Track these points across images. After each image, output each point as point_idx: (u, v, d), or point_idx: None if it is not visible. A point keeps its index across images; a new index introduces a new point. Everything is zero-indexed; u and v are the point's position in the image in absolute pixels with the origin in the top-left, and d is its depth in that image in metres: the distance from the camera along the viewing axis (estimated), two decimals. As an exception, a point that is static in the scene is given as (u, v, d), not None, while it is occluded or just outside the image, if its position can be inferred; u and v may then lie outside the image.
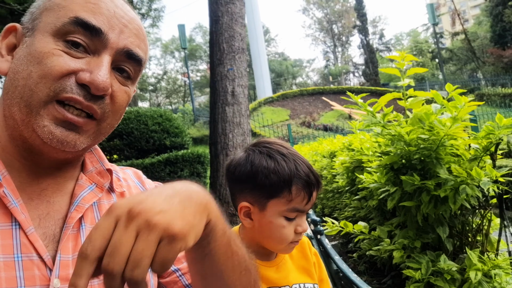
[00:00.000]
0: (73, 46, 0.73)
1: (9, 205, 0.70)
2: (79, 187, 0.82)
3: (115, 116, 0.80)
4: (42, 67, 0.70)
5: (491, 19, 37.78)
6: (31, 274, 0.69)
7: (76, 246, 0.76)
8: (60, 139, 0.72)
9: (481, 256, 1.90)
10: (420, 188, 1.97)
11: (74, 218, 0.77)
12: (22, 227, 0.70)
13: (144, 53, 0.82)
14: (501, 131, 1.77)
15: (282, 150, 1.13)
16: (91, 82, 0.71)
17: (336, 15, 63.42)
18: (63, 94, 0.71)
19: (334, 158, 4.20)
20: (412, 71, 2.12)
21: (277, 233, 1.10)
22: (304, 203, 1.09)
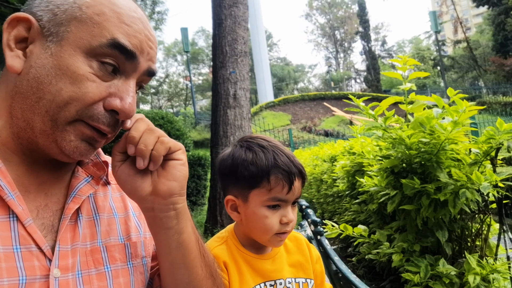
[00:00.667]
0: (105, 68, 0.74)
1: (6, 198, 0.70)
2: (76, 179, 0.83)
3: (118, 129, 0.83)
4: (74, 90, 0.70)
5: (493, 28, 37.87)
6: (31, 265, 0.70)
7: (74, 237, 0.78)
8: (83, 153, 0.76)
9: (480, 261, 1.90)
10: (420, 192, 1.98)
11: (72, 209, 0.78)
12: (19, 219, 0.71)
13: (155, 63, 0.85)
14: (501, 136, 1.78)
15: (262, 143, 1.16)
16: (121, 110, 0.74)
17: (339, 21, 63.63)
18: (90, 121, 0.73)
19: (335, 162, 4.21)
20: (414, 75, 2.14)
21: (260, 223, 1.12)
22: (285, 192, 1.10)
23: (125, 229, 0.89)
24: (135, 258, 0.87)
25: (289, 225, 1.13)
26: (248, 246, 1.18)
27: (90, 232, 0.82)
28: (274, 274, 1.16)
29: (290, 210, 1.13)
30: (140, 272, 0.87)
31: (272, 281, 1.15)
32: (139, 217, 0.93)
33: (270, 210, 1.11)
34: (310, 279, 1.21)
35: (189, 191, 7.04)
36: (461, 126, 1.84)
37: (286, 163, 1.11)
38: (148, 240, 0.93)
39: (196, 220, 6.65)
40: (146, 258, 0.91)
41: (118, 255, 0.84)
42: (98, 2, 0.74)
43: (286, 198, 1.11)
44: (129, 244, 0.87)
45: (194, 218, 6.98)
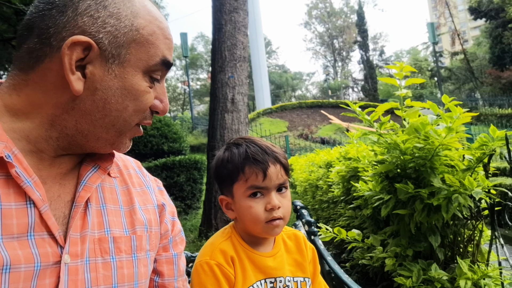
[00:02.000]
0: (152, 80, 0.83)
1: (22, 185, 0.71)
2: (84, 168, 0.85)
3: None
4: (138, 103, 0.81)
5: (490, 41, 38.21)
6: (45, 251, 0.72)
7: (83, 225, 0.80)
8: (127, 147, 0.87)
9: (472, 266, 1.92)
10: (413, 197, 2.00)
11: (84, 198, 0.80)
12: (36, 205, 0.72)
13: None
14: (494, 143, 1.81)
15: (239, 141, 1.23)
16: (163, 110, 0.87)
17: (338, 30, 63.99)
18: (143, 121, 0.85)
19: (330, 168, 4.23)
20: (410, 82, 2.17)
21: (248, 214, 1.15)
22: (260, 179, 1.14)
23: (130, 222, 0.90)
24: (140, 251, 0.89)
25: (277, 211, 1.15)
26: (249, 242, 1.21)
27: (98, 221, 0.83)
28: (275, 271, 1.17)
29: (274, 197, 1.15)
30: (144, 265, 0.89)
31: (272, 279, 1.17)
32: (145, 212, 0.94)
33: (252, 199, 1.15)
34: (308, 278, 1.24)
35: (184, 194, 7.04)
36: (455, 133, 1.87)
37: (256, 152, 1.16)
38: (153, 234, 0.94)
39: (191, 224, 6.65)
40: (150, 252, 0.92)
41: (124, 247, 0.85)
42: (148, 21, 0.81)
43: (264, 185, 1.15)
44: (135, 237, 0.88)
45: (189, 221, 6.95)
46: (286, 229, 1.30)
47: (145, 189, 0.99)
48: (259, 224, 1.15)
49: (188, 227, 6.40)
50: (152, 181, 1.04)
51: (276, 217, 1.15)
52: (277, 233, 1.18)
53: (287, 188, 1.20)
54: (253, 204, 1.15)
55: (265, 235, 1.19)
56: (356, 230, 2.52)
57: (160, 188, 1.05)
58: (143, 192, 0.98)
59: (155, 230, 0.95)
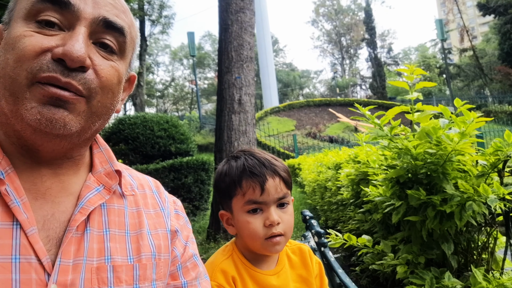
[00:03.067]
0: (46, 26, 0.70)
1: (10, 204, 0.68)
2: (86, 188, 0.79)
3: (106, 93, 0.76)
4: (16, 51, 0.68)
5: (499, 37, 37.80)
6: (27, 278, 0.66)
7: (79, 251, 0.73)
8: (48, 117, 0.68)
9: (486, 275, 1.87)
10: (425, 203, 1.96)
11: (77, 221, 0.74)
12: (22, 227, 0.68)
13: (125, 23, 0.79)
14: (509, 148, 1.76)
15: (238, 154, 1.20)
16: (64, 53, 0.68)
17: (345, 28, 63.72)
18: (40, 74, 0.68)
19: (339, 170, 4.18)
20: (421, 85, 2.12)
21: (246, 230, 1.12)
22: (258, 194, 1.10)
23: (136, 248, 0.82)
24: (144, 280, 0.81)
25: (277, 227, 1.11)
26: (251, 260, 1.17)
27: (99, 247, 0.76)
28: None
29: (273, 212, 1.11)
30: None
31: None
32: (154, 237, 0.87)
33: (251, 215, 1.12)
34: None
35: (192, 196, 7.03)
36: (468, 137, 1.82)
37: (254, 165, 1.12)
38: (162, 262, 0.86)
39: (199, 225, 6.63)
40: (156, 282, 0.84)
41: (125, 277, 0.78)
42: None
43: (262, 200, 1.11)
44: (138, 266, 0.81)
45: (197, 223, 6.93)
46: (291, 243, 1.26)
47: (159, 212, 0.91)
48: (257, 241, 1.10)
49: (196, 228, 6.39)
50: (170, 203, 0.97)
51: (276, 233, 1.10)
52: (278, 250, 1.14)
53: (288, 203, 1.16)
54: (251, 220, 1.11)
55: (265, 253, 1.15)
56: (366, 236, 2.47)
57: (177, 212, 0.97)
58: (157, 214, 0.90)
59: (165, 258, 0.87)
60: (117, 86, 0.78)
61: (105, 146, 0.89)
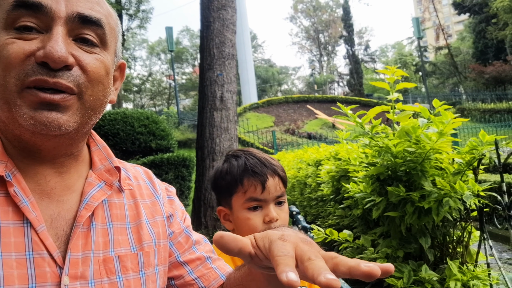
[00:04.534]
0: (25, 31, 0.71)
1: (20, 204, 0.71)
2: (89, 185, 0.83)
3: (96, 86, 0.77)
4: (2, 60, 0.69)
5: (474, 36, 38.80)
6: (42, 272, 0.70)
7: (86, 245, 0.77)
8: (41, 121, 0.70)
9: (461, 267, 1.97)
10: (404, 199, 2.04)
11: (84, 217, 0.78)
12: (33, 225, 0.71)
13: (101, 14, 0.79)
14: (484, 147, 1.85)
15: (238, 153, 1.24)
16: (45, 56, 0.69)
17: (323, 25, 64.15)
18: (27, 78, 0.69)
19: (319, 166, 4.26)
20: (401, 86, 2.20)
21: (245, 226, 1.17)
22: (259, 191, 1.15)
23: (137, 238, 0.87)
24: (148, 267, 0.86)
25: (275, 224, 1.16)
26: None
27: (104, 240, 0.81)
28: None
29: (272, 209, 1.17)
30: (152, 281, 0.87)
31: None
32: (153, 225, 0.92)
33: (251, 211, 1.16)
34: (305, 286, 1.25)
35: (172, 192, 7.01)
36: (445, 137, 1.90)
37: (255, 165, 1.17)
38: (162, 248, 0.91)
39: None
40: (158, 267, 0.90)
41: (130, 265, 0.83)
42: None
43: (262, 198, 1.16)
44: (142, 254, 0.86)
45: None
46: None
47: (154, 200, 0.96)
48: None
49: (176, 224, 6.38)
50: (163, 190, 1.01)
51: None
52: None
53: (285, 201, 1.22)
54: (251, 217, 1.16)
55: None
56: (347, 230, 2.55)
57: (171, 197, 1.02)
58: (152, 203, 0.95)
59: (164, 243, 0.92)
60: (106, 77, 0.80)
61: (102, 144, 0.92)
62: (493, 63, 33.29)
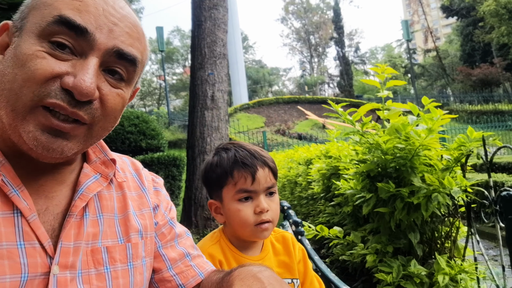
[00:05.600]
0: (58, 48, 0.69)
1: (9, 193, 0.70)
2: (84, 176, 0.82)
3: (108, 119, 0.77)
4: (26, 70, 0.67)
5: (461, 39, 39.24)
6: (34, 261, 0.70)
7: (78, 235, 0.77)
8: (45, 146, 0.69)
9: (449, 261, 2.00)
10: (394, 195, 2.07)
11: (78, 207, 0.77)
12: (23, 214, 0.70)
13: (139, 51, 0.79)
14: (471, 143, 1.89)
15: (227, 146, 1.25)
16: (74, 87, 0.68)
17: (314, 26, 64.35)
18: (47, 99, 0.67)
19: (310, 165, 4.29)
20: (392, 83, 2.23)
21: (236, 218, 1.18)
22: (249, 183, 1.17)
23: (125, 230, 0.87)
24: (136, 259, 0.86)
25: (266, 214, 1.17)
26: (238, 246, 1.23)
27: (93, 231, 0.81)
28: None
29: (262, 200, 1.18)
30: (140, 272, 0.87)
31: None
32: (140, 217, 0.91)
33: (241, 203, 1.18)
34: (296, 279, 1.27)
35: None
36: (434, 134, 1.94)
37: (245, 156, 1.19)
38: (148, 239, 0.92)
39: (169, 221, 6.59)
40: (145, 259, 0.90)
41: (119, 256, 0.83)
42: None
43: (253, 189, 1.17)
44: (130, 245, 0.86)
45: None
46: (275, 231, 1.33)
47: (141, 193, 0.95)
48: (248, 227, 1.17)
49: (167, 224, 6.36)
50: (149, 181, 1.00)
51: (265, 220, 1.17)
52: (266, 236, 1.21)
53: (275, 192, 1.23)
54: (242, 208, 1.17)
55: (254, 239, 1.22)
56: (337, 227, 2.58)
57: (157, 188, 1.01)
58: (139, 196, 0.95)
59: (151, 235, 0.92)
60: (120, 112, 0.80)
61: None
62: (480, 65, 33.71)
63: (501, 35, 29.47)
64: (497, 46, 34.08)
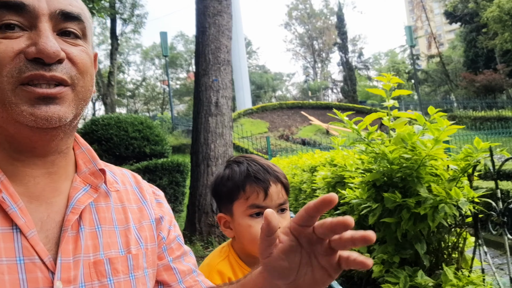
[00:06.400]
0: (8, 30, 0.71)
1: (8, 210, 0.70)
2: (74, 189, 0.82)
3: (85, 77, 0.78)
4: None
5: (465, 44, 39.23)
6: (34, 276, 0.70)
7: (76, 249, 0.77)
8: (42, 116, 0.71)
9: (456, 273, 1.98)
10: (400, 206, 2.05)
11: (71, 221, 0.77)
12: (22, 231, 0.71)
13: (79, 8, 0.80)
14: (478, 154, 1.87)
15: (239, 159, 1.22)
16: (40, 51, 0.69)
17: (317, 32, 64.53)
18: (21, 75, 0.69)
19: (315, 172, 4.27)
20: (397, 93, 2.22)
21: (247, 234, 1.16)
22: (261, 198, 1.15)
23: (125, 241, 0.87)
24: (137, 269, 0.86)
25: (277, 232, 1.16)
26: (247, 262, 1.21)
27: (93, 243, 0.81)
28: None
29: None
30: (143, 283, 0.87)
31: None
32: (139, 230, 0.92)
33: (253, 218, 1.15)
34: None
35: (167, 198, 6.97)
36: (441, 143, 1.93)
37: (258, 171, 1.16)
38: (149, 251, 0.92)
39: (173, 227, 6.58)
40: (148, 270, 0.90)
41: (121, 267, 0.83)
42: None
43: (265, 205, 1.15)
44: (131, 256, 0.86)
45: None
46: None
47: (141, 206, 0.95)
48: (257, 244, 1.16)
49: (170, 230, 6.35)
50: (150, 194, 1.00)
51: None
52: None
53: (287, 209, 1.21)
54: (253, 224, 1.15)
55: None
56: (343, 236, 2.56)
57: (159, 200, 1.01)
58: (139, 209, 0.95)
59: (152, 247, 0.92)
60: (91, 68, 0.81)
61: (87, 146, 0.92)
62: (483, 71, 33.67)
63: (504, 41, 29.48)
64: (500, 52, 34.05)
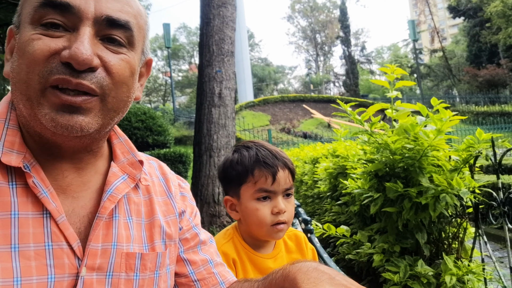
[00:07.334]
0: (51, 28, 0.70)
1: (39, 195, 0.70)
2: (113, 175, 0.81)
3: (119, 87, 0.75)
4: (27, 56, 0.69)
5: (468, 39, 39.04)
6: (61, 262, 0.70)
7: (107, 236, 0.76)
8: (63, 124, 0.69)
9: (456, 262, 2.01)
10: (402, 195, 2.07)
11: (108, 208, 0.77)
12: (52, 216, 0.71)
13: (130, 15, 0.77)
14: (480, 145, 1.89)
15: (248, 144, 1.26)
16: (70, 57, 0.68)
17: (320, 25, 64.20)
18: (51, 77, 0.68)
19: (316, 164, 4.30)
20: (401, 84, 2.24)
21: (253, 217, 1.19)
22: (269, 183, 1.17)
23: (150, 235, 0.86)
24: (162, 267, 0.86)
25: (282, 215, 1.18)
26: (251, 244, 1.24)
27: (126, 234, 0.80)
28: None
29: (280, 201, 1.19)
30: (164, 280, 0.86)
31: None
32: (166, 224, 0.90)
33: (260, 202, 1.18)
34: None
35: (169, 188, 7.03)
36: (443, 134, 1.95)
37: (267, 156, 1.19)
38: (172, 247, 0.91)
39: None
40: (170, 266, 0.89)
41: (150, 264, 0.82)
42: None
43: (272, 189, 1.18)
44: (161, 254, 0.85)
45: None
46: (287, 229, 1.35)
47: (166, 199, 0.94)
48: (264, 227, 1.18)
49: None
50: (176, 186, 0.99)
51: (281, 221, 1.19)
52: (280, 237, 1.22)
53: (292, 194, 1.24)
54: (260, 207, 1.18)
55: (269, 238, 1.23)
56: (344, 226, 2.59)
57: (183, 193, 1.00)
58: (165, 202, 0.93)
59: (174, 242, 0.92)
60: (131, 78, 0.78)
61: (124, 137, 0.91)
62: (486, 66, 33.54)
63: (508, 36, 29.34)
64: (504, 47, 33.87)
